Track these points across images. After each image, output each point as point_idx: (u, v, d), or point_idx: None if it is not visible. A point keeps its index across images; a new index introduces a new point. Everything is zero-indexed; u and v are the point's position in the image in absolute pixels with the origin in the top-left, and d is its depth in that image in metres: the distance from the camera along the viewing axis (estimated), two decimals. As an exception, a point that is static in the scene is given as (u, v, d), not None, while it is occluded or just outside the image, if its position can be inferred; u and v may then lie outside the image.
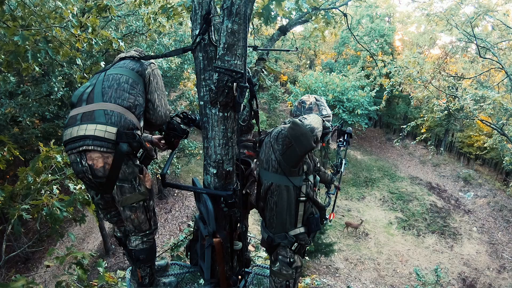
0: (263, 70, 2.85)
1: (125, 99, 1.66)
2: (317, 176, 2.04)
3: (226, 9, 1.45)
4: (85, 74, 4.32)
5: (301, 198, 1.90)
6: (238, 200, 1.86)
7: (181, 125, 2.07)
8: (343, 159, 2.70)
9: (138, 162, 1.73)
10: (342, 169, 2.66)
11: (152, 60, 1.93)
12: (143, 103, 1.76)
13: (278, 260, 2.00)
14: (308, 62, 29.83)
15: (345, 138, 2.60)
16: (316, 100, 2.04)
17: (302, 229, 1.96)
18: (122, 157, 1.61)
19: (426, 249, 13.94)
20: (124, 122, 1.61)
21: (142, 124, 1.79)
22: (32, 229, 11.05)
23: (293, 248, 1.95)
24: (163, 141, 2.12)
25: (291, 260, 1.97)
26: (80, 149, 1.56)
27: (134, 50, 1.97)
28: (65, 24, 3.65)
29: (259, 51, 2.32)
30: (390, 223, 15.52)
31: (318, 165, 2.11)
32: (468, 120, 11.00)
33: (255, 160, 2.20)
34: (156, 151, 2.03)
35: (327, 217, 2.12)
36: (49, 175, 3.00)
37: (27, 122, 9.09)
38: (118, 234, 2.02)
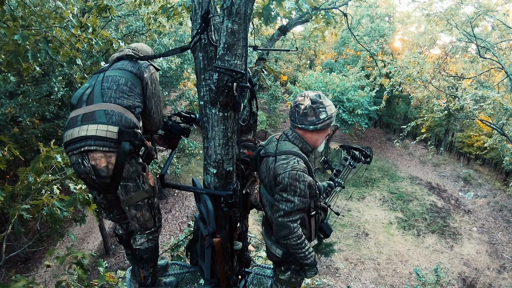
0: (263, 70, 2.85)
1: (125, 100, 1.68)
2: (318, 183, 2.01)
3: (226, 9, 1.45)
4: (85, 74, 4.33)
5: (312, 213, 1.83)
6: (238, 200, 1.86)
7: (181, 124, 2.07)
8: (343, 182, 2.23)
9: (140, 160, 1.73)
10: (337, 190, 2.25)
11: (151, 62, 1.92)
12: (141, 105, 1.77)
13: (289, 270, 1.95)
14: (308, 62, 29.80)
15: (357, 158, 2.15)
16: (312, 102, 1.70)
17: (316, 241, 1.93)
18: (125, 155, 1.61)
19: (426, 249, 13.93)
20: (125, 121, 1.62)
21: (141, 124, 1.79)
22: (32, 229, 11.03)
23: None
24: (163, 139, 2.13)
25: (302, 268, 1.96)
26: (82, 149, 1.56)
27: (128, 48, 1.95)
28: (65, 24, 3.65)
29: (259, 51, 2.32)
30: (390, 223, 15.51)
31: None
32: (468, 120, 11.00)
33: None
34: (156, 150, 2.03)
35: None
36: (50, 175, 2.99)
37: (27, 122, 9.08)
38: (120, 232, 2.03)
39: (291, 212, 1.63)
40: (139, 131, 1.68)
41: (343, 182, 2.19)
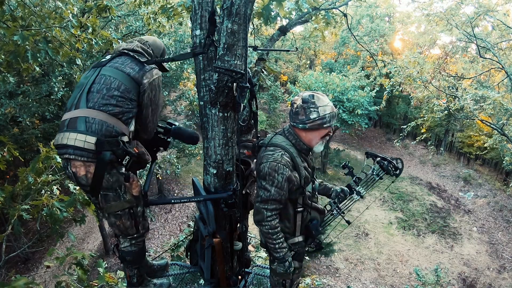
0: (263, 70, 2.85)
1: (111, 105, 1.60)
2: (315, 182, 2.00)
3: (226, 9, 1.45)
4: (85, 74, 4.32)
5: (298, 209, 1.85)
6: (238, 200, 1.86)
7: (159, 135, 1.98)
8: (362, 192, 2.05)
9: (123, 169, 1.66)
10: (355, 197, 2.10)
11: (155, 67, 1.81)
12: (134, 110, 1.69)
13: None
14: (308, 62, 29.81)
15: (385, 168, 2.03)
16: (303, 102, 1.72)
17: (300, 238, 1.93)
18: (104, 166, 1.57)
19: (426, 249, 13.93)
20: (105, 130, 1.56)
21: (132, 128, 1.71)
22: (32, 229, 11.03)
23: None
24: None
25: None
26: (65, 156, 1.57)
27: (138, 42, 1.86)
28: (65, 24, 3.65)
29: (259, 51, 2.32)
30: (390, 223, 15.51)
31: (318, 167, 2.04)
32: (468, 120, 11.00)
33: (254, 160, 2.19)
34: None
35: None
36: (49, 176, 2.99)
37: (27, 122, 9.08)
38: None
39: (267, 200, 1.71)
40: (124, 138, 1.61)
41: (363, 191, 2.06)
